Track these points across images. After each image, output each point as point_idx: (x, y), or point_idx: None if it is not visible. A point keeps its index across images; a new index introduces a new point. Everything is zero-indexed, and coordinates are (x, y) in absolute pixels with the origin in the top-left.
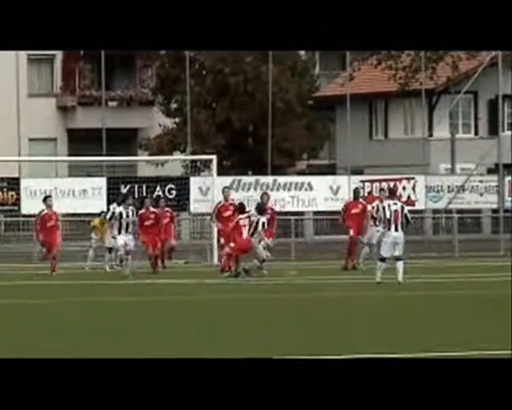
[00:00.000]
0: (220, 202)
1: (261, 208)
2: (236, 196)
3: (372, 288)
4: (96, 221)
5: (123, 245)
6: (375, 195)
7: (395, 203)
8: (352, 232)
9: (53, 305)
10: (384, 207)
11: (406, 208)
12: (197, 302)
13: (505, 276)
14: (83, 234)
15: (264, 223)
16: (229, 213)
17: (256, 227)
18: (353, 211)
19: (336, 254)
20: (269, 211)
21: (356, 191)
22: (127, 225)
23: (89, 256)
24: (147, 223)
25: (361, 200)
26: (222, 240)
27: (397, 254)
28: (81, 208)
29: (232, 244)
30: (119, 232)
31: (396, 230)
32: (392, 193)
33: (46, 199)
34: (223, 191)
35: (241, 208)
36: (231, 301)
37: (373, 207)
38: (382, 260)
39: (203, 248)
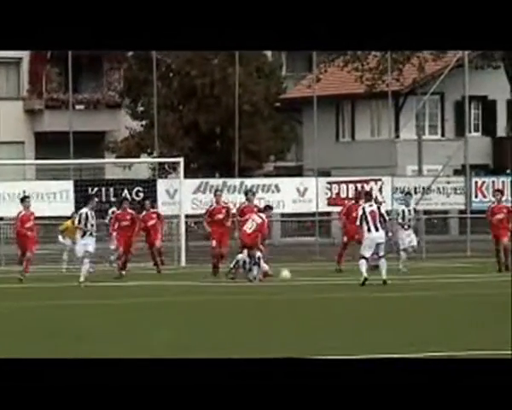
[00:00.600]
0: (212, 206)
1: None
2: (204, 199)
3: (340, 290)
4: (68, 223)
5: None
6: (342, 197)
7: (371, 205)
8: (346, 238)
9: (28, 308)
10: (362, 209)
11: (383, 209)
12: (174, 304)
13: (472, 277)
14: (52, 237)
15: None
16: (220, 216)
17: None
18: (355, 214)
19: (302, 256)
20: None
21: (359, 194)
22: (92, 226)
23: (64, 259)
24: (123, 224)
25: (361, 202)
26: (214, 243)
27: (380, 253)
28: (49, 211)
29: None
30: (83, 235)
31: (376, 230)
32: (368, 196)
33: (24, 200)
34: (214, 194)
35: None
36: (202, 302)
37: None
38: (364, 258)
39: (171, 251)
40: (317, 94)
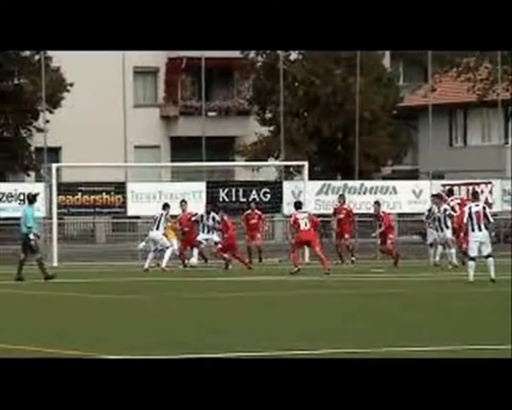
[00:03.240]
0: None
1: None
2: (326, 199)
3: (460, 286)
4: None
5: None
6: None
7: (477, 205)
8: None
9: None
10: (469, 209)
11: (488, 209)
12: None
13: None
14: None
15: None
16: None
17: None
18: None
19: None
20: (343, 211)
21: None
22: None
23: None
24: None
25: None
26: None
27: (485, 252)
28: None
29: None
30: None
31: (479, 229)
32: (475, 196)
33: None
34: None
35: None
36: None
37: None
38: (472, 259)
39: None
40: (432, 103)
